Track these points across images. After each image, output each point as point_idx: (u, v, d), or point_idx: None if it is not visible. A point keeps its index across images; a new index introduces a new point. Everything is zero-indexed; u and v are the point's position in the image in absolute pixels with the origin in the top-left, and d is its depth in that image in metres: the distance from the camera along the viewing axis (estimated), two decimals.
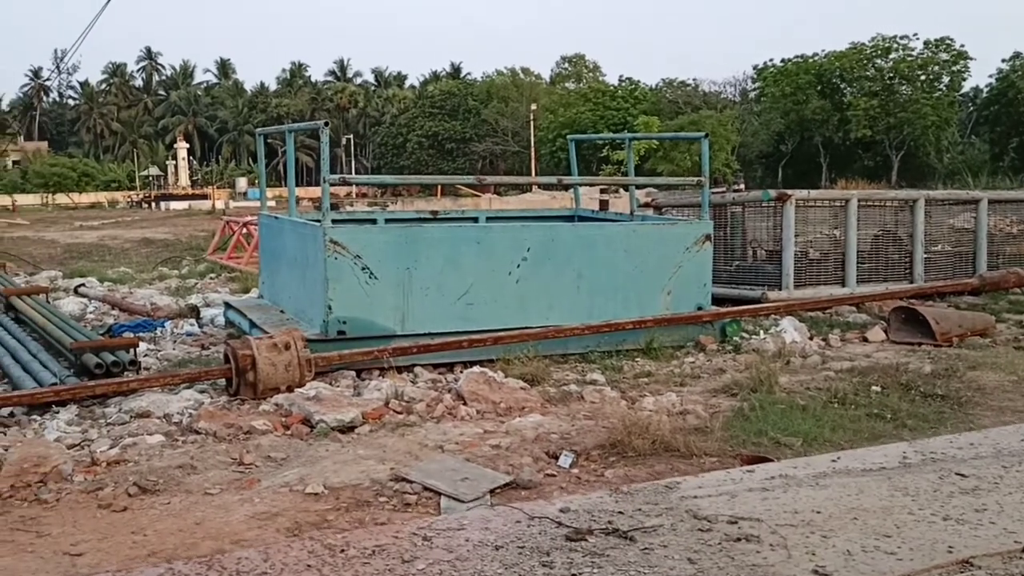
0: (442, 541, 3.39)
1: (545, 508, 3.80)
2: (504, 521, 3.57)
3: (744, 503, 3.96)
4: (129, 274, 16.89)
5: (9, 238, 28.61)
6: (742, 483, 4.21)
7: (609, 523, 3.70)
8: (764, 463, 4.86)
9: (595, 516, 3.80)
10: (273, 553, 2.34)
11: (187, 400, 6.87)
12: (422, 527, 3.52)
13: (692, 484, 4.29)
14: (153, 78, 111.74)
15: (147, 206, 68.06)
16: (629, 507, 3.92)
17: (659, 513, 3.81)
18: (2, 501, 4.98)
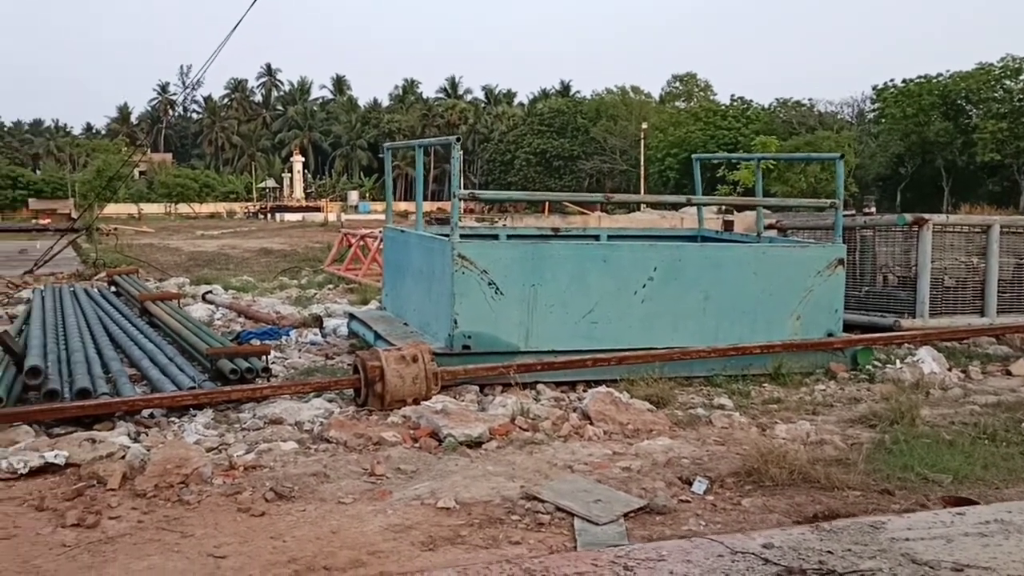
0: (644, 573, 3.29)
1: (747, 543, 3.65)
2: (705, 554, 3.45)
3: (963, 549, 3.76)
4: (251, 283, 17.43)
5: (137, 245, 29.95)
6: (954, 527, 4.01)
7: (821, 563, 3.55)
8: (970, 505, 4.65)
9: (802, 555, 3.65)
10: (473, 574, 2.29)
11: (317, 408, 6.97)
12: (620, 556, 3.43)
13: (900, 525, 4.10)
14: (272, 93, 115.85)
15: (263, 217, 70.48)
16: (837, 547, 3.76)
17: (872, 555, 3.63)
18: (147, 500, 5.12)
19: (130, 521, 4.82)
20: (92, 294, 13.21)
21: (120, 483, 5.32)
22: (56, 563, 4.29)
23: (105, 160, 49.94)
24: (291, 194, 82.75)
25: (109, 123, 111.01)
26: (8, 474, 5.48)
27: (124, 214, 64.91)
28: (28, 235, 39.63)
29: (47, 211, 65.68)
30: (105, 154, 61.19)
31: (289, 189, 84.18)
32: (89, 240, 27.27)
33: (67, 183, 71.11)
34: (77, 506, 5.00)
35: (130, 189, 74.91)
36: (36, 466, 5.55)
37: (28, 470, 5.51)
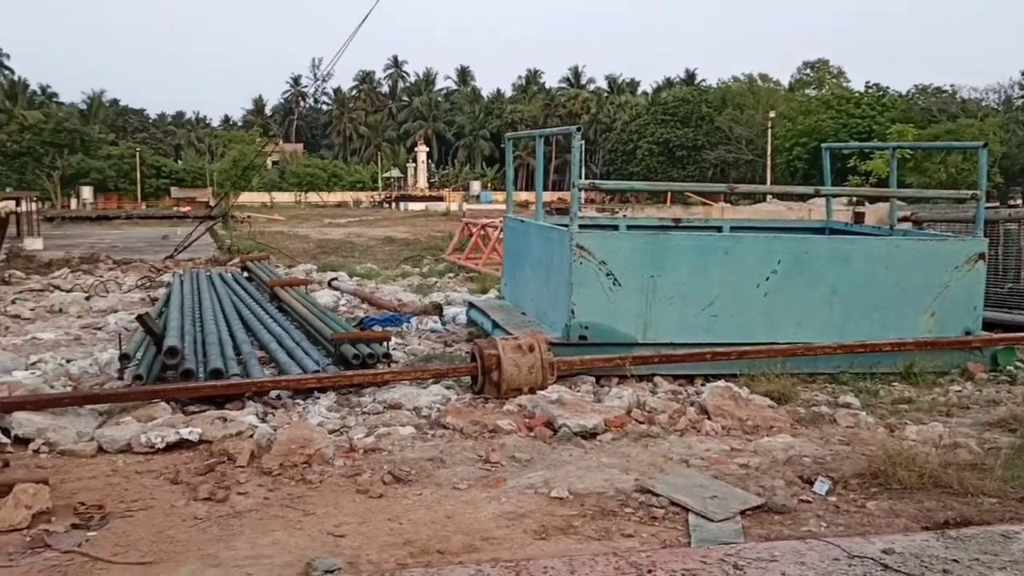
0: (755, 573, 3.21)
1: (865, 547, 3.52)
2: (820, 557, 3.34)
3: None
4: (375, 270, 17.86)
5: (269, 232, 31.10)
6: None
7: (945, 572, 3.39)
8: None
9: (925, 562, 3.49)
10: (579, 566, 2.29)
11: (435, 395, 7.09)
12: (730, 554, 3.37)
13: None
14: (398, 85, 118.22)
15: (387, 206, 72.07)
16: (964, 555, 3.58)
17: (1002, 566, 3.45)
18: (273, 478, 5.31)
19: (256, 497, 5.02)
20: (226, 279, 13.80)
21: (248, 460, 5.55)
22: (188, 534, 4.50)
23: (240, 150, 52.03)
24: (415, 183, 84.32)
25: (245, 115, 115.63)
26: (147, 448, 5.79)
27: (257, 202, 67.57)
28: (170, 222, 41.73)
29: (187, 199, 68.99)
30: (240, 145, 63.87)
31: (413, 179, 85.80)
32: (225, 227, 28.51)
33: (206, 172, 74.48)
34: (208, 481, 5.24)
35: (263, 178, 78.01)
36: (172, 441, 5.84)
37: (165, 445, 5.81)
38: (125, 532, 4.53)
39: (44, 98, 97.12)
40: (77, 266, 18.85)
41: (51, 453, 5.83)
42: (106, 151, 77.54)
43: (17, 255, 21.00)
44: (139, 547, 4.34)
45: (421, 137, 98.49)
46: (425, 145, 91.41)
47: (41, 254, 22.05)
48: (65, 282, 15.98)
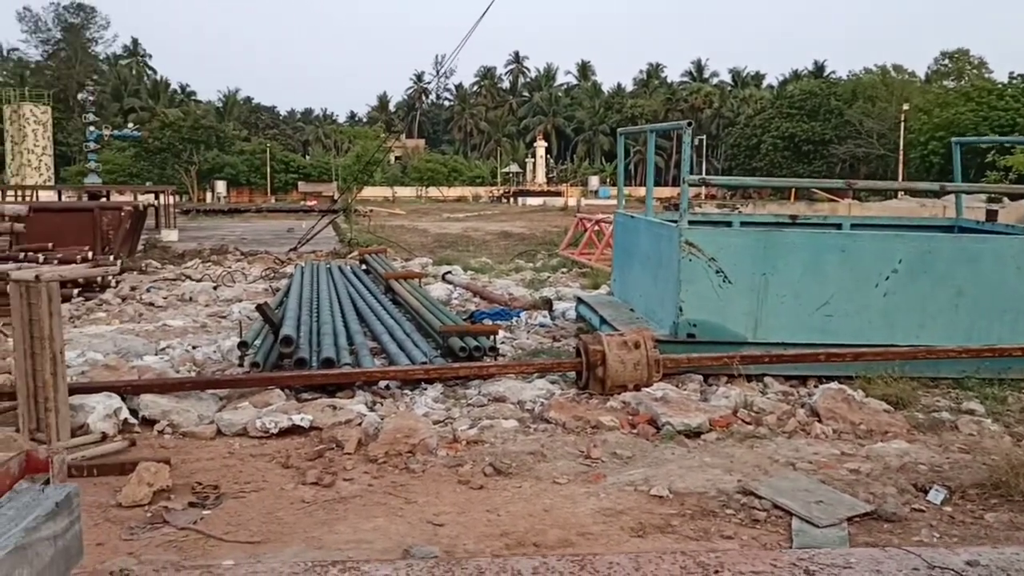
0: None
1: (948, 557, 3.35)
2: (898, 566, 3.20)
3: None
4: (489, 264, 18.05)
5: (389, 227, 31.82)
6: None
7: None
8: None
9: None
10: (644, 563, 2.28)
11: (539, 389, 7.13)
12: (802, 558, 3.27)
13: None
14: (519, 80, 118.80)
15: (505, 201, 72.62)
16: None
17: None
18: (378, 466, 5.46)
19: (361, 484, 5.17)
20: (345, 271, 14.20)
21: (355, 448, 5.71)
22: (295, 517, 4.67)
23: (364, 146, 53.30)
24: (533, 179, 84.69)
25: (370, 111, 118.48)
26: (261, 433, 6.04)
27: (379, 197, 69.17)
28: (296, 216, 43.20)
29: (313, 193, 71.26)
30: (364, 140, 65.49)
31: (532, 174, 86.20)
32: (347, 221, 29.31)
33: (331, 167, 76.69)
34: (317, 466, 5.43)
35: (385, 173, 79.78)
36: (285, 427, 6.07)
37: (278, 430, 6.05)
38: (237, 512, 4.74)
39: (183, 96, 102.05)
40: (207, 257, 19.77)
41: (174, 434, 6.15)
42: (239, 147, 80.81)
43: (154, 246, 22.18)
44: (249, 527, 4.53)
45: (540, 132, 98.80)
46: (544, 140, 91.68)
47: (176, 245, 23.21)
48: (196, 272, 16.78)
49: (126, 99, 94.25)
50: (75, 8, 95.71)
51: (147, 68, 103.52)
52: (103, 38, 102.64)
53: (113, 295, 13.23)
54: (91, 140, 51.39)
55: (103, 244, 16.85)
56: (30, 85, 75.02)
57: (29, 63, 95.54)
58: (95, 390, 6.39)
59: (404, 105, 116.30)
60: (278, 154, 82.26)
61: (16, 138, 63.69)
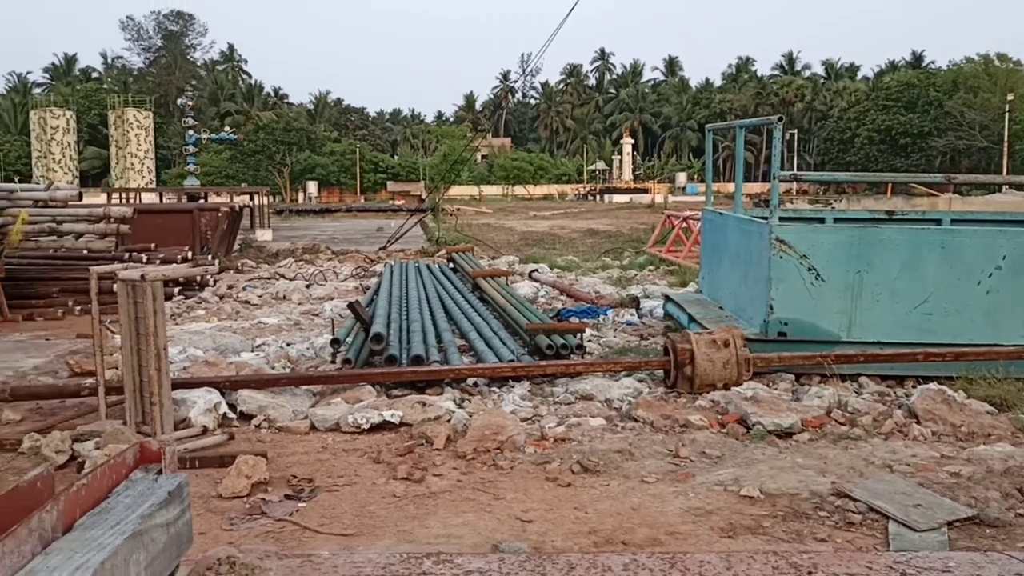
0: None
1: None
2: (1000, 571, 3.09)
3: None
4: (575, 262, 18.04)
5: (476, 225, 32.06)
6: None
7: None
8: None
9: None
10: (736, 563, 2.27)
11: (626, 387, 7.11)
12: (899, 561, 3.20)
13: None
14: (605, 77, 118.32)
15: (592, 198, 72.41)
16: None
17: None
18: (466, 462, 5.52)
19: (451, 480, 5.24)
20: (433, 269, 14.39)
21: (444, 444, 5.79)
22: (387, 511, 4.77)
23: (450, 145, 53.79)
24: (620, 176, 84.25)
25: (456, 111, 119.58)
26: (353, 428, 6.18)
27: (466, 195, 69.75)
28: (384, 215, 43.91)
29: (402, 193, 72.27)
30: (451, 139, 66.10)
31: (618, 171, 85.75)
32: (434, 220, 29.66)
33: (419, 167, 77.69)
34: (407, 462, 5.52)
35: (472, 172, 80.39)
36: (376, 423, 6.20)
37: (369, 426, 6.17)
38: (331, 505, 4.86)
39: (277, 99, 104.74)
40: (300, 256, 20.27)
41: (270, 429, 6.33)
42: (330, 148, 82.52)
43: (249, 245, 22.84)
44: (343, 520, 4.64)
45: (627, 129, 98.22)
46: (631, 137, 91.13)
47: (270, 244, 23.86)
48: (289, 271, 17.22)
49: (222, 103, 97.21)
50: (175, 16, 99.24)
51: (242, 73, 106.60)
52: (201, 45, 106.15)
53: (211, 293, 13.69)
54: (190, 143, 53.31)
55: (201, 244, 17.43)
56: (133, 91, 78.10)
57: (132, 70, 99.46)
58: (196, 385, 6.63)
59: (490, 104, 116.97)
60: (367, 154, 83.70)
61: (120, 142, 66.33)
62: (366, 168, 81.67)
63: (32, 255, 13.76)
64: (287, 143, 75.97)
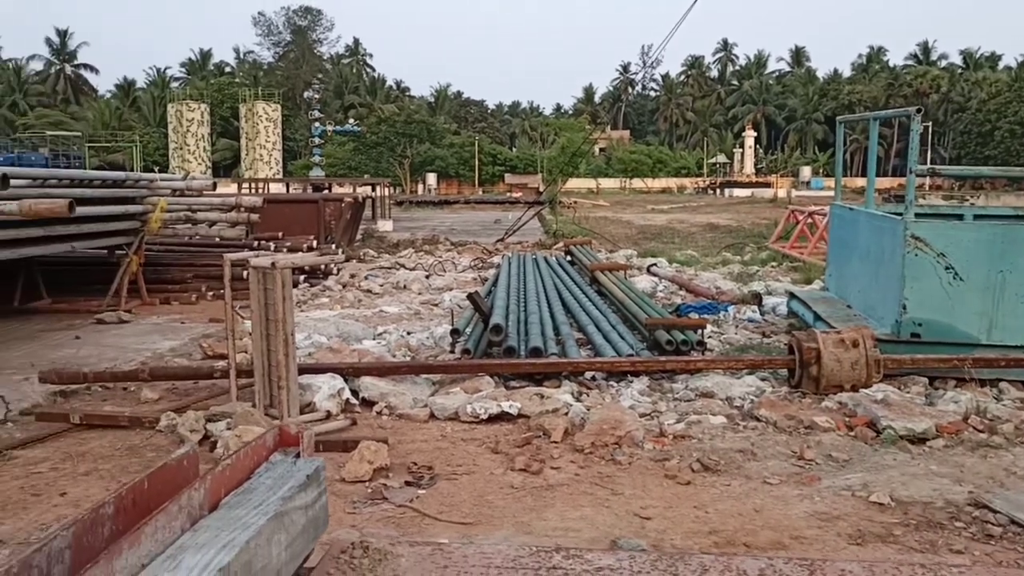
0: None
1: None
2: None
3: None
4: (695, 257, 17.73)
5: (593, 218, 31.90)
6: None
7: None
8: None
9: None
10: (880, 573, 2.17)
11: (748, 386, 6.94)
12: None
13: None
14: (727, 69, 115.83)
15: (711, 192, 71.12)
16: None
17: None
18: (584, 456, 5.50)
19: (568, 473, 5.22)
20: (550, 262, 14.40)
21: (562, 437, 5.78)
22: (504, 501, 4.79)
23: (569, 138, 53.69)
24: (741, 169, 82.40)
25: (575, 103, 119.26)
26: (472, 418, 6.23)
27: (583, 188, 69.55)
28: (502, 207, 44.21)
29: (519, 185, 72.57)
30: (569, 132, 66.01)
31: (739, 164, 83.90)
32: (552, 212, 29.67)
33: (537, 159, 77.86)
34: (525, 453, 5.53)
35: (590, 165, 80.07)
36: (494, 413, 6.24)
37: (487, 416, 6.22)
38: (450, 493, 4.91)
39: (398, 92, 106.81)
40: (420, 247, 20.62)
41: (391, 416, 6.46)
42: (449, 140, 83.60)
43: (371, 236, 23.38)
44: (461, 508, 4.69)
45: (749, 122, 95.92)
46: (753, 130, 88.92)
47: (390, 235, 24.35)
48: (409, 261, 17.54)
49: (347, 96, 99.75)
50: (303, 11, 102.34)
51: (366, 66, 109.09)
52: (327, 39, 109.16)
53: (335, 282, 14.08)
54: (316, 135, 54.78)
55: (326, 233, 17.93)
56: (263, 85, 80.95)
57: (262, 65, 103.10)
58: (321, 371, 6.82)
59: (609, 96, 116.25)
60: (486, 147, 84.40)
61: (250, 134, 68.88)
62: (484, 160, 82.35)
63: (169, 242, 14.44)
64: (408, 135, 77.32)
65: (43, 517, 4.57)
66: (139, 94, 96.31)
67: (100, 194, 11.16)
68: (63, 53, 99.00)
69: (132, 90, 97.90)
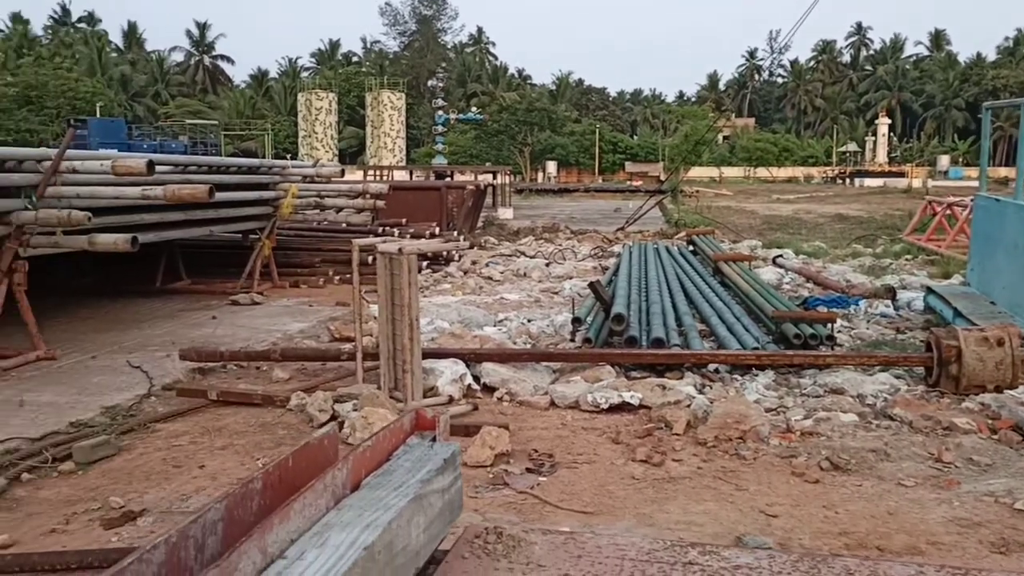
0: None
1: None
2: None
3: None
4: (823, 248, 17.18)
5: (715, 207, 31.31)
6: None
7: None
8: None
9: None
10: None
11: (882, 383, 6.66)
12: None
13: None
14: (860, 53, 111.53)
15: (841, 182, 68.75)
16: None
17: None
18: (706, 449, 5.40)
19: (690, 466, 5.14)
20: (672, 251, 14.20)
21: (684, 429, 5.69)
22: (625, 492, 4.75)
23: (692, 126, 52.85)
24: (873, 158, 79.30)
25: (699, 90, 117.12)
26: (592, 407, 6.21)
27: (706, 177, 68.32)
28: (622, 195, 43.88)
29: (639, 173, 71.92)
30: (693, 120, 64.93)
31: (871, 153, 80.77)
32: (673, 201, 29.26)
33: (658, 147, 76.95)
34: (646, 444, 5.47)
35: (713, 153, 78.53)
36: (614, 403, 6.19)
37: (608, 406, 6.18)
38: (570, 482, 4.91)
39: (520, 80, 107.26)
40: (540, 235, 20.68)
41: (511, 402, 6.49)
42: (569, 128, 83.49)
43: (491, 223, 23.58)
44: (582, 497, 4.68)
45: (883, 108, 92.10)
46: (887, 117, 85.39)
47: (511, 223, 24.51)
48: (529, 249, 17.61)
49: (469, 84, 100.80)
50: (429, 1, 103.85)
51: (489, 55, 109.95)
52: (451, 28, 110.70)
53: (456, 268, 14.26)
54: (439, 123, 55.63)
55: (448, 220, 18.18)
56: (388, 74, 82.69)
57: (388, 54, 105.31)
58: (444, 356, 6.91)
59: (734, 83, 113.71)
60: (606, 135, 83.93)
61: (375, 122, 70.49)
62: (605, 148, 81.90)
63: (298, 227, 14.93)
64: (528, 123, 77.57)
65: (183, 488, 4.79)
66: (271, 84, 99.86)
67: (236, 180, 11.63)
68: (202, 45, 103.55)
69: (265, 80, 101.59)
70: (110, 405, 6.40)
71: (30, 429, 5.77)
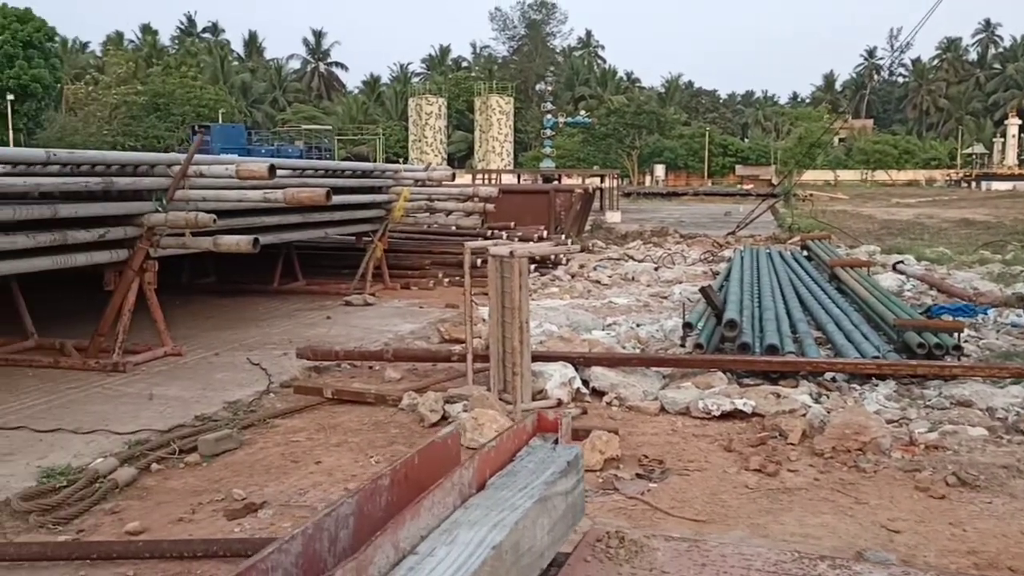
0: None
1: None
2: None
3: None
4: (947, 255, 16.49)
5: (830, 211, 30.44)
6: None
7: None
8: None
9: None
10: None
11: (1014, 396, 6.33)
12: None
13: None
14: (988, 51, 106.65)
15: (965, 185, 65.92)
16: None
17: None
18: (824, 460, 5.23)
19: (806, 477, 4.99)
20: (785, 257, 13.86)
21: (799, 439, 5.54)
22: (738, 501, 4.65)
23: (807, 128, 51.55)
24: (1001, 160, 75.68)
25: (813, 91, 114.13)
26: (703, 414, 6.10)
27: (820, 180, 66.48)
28: (732, 199, 43.11)
29: (750, 177, 70.56)
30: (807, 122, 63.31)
31: (999, 155, 77.09)
32: (786, 205, 28.58)
33: (770, 150, 75.29)
34: (760, 453, 5.34)
35: (828, 156, 76.38)
36: (726, 410, 6.07)
37: (720, 413, 6.06)
38: (681, 489, 4.83)
39: (628, 83, 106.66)
40: (648, 239, 20.51)
41: (620, 407, 6.44)
42: (678, 131, 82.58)
43: (599, 227, 23.51)
44: (693, 505, 4.60)
45: (1013, 109, 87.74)
46: (1018, 117, 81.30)
47: (618, 226, 24.39)
48: (637, 253, 17.48)
49: (577, 88, 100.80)
50: (538, 5, 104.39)
51: (597, 58, 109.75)
52: (560, 32, 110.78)
53: (564, 272, 14.26)
54: (547, 127, 55.84)
55: (556, 224, 18.21)
56: (497, 79, 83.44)
57: (497, 59, 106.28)
58: (553, 359, 6.91)
59: (852, 84, 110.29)
60: (716, 138, 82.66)
61: (484, 126, 71.27)
62: (714, 151, 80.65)
63: (409, 229, 15.18)
64: (637, 126, 77.06)
65: (300, 483, 4.93)
66: (383, 89, 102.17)
67: (351, 184, 11.92)
68: (318, 52, 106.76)
69: (377, 85, 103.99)
70: (232, 400, 6.64)
71: (158, 422, 6.04)
